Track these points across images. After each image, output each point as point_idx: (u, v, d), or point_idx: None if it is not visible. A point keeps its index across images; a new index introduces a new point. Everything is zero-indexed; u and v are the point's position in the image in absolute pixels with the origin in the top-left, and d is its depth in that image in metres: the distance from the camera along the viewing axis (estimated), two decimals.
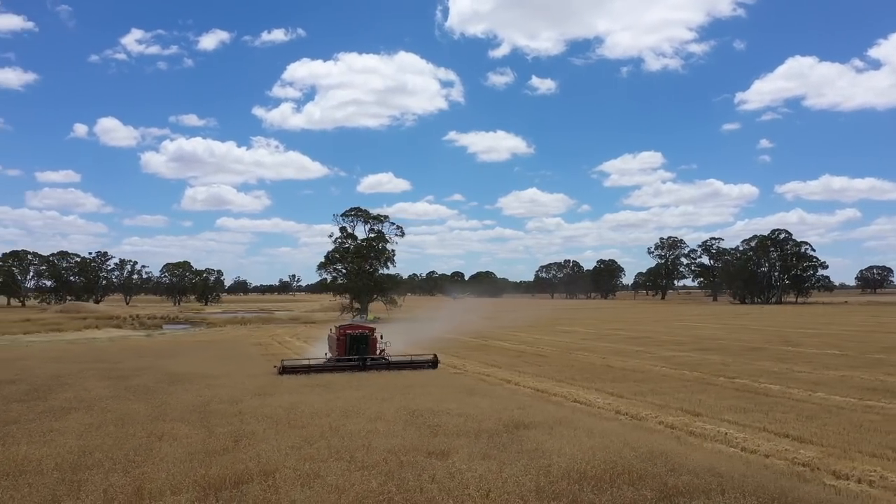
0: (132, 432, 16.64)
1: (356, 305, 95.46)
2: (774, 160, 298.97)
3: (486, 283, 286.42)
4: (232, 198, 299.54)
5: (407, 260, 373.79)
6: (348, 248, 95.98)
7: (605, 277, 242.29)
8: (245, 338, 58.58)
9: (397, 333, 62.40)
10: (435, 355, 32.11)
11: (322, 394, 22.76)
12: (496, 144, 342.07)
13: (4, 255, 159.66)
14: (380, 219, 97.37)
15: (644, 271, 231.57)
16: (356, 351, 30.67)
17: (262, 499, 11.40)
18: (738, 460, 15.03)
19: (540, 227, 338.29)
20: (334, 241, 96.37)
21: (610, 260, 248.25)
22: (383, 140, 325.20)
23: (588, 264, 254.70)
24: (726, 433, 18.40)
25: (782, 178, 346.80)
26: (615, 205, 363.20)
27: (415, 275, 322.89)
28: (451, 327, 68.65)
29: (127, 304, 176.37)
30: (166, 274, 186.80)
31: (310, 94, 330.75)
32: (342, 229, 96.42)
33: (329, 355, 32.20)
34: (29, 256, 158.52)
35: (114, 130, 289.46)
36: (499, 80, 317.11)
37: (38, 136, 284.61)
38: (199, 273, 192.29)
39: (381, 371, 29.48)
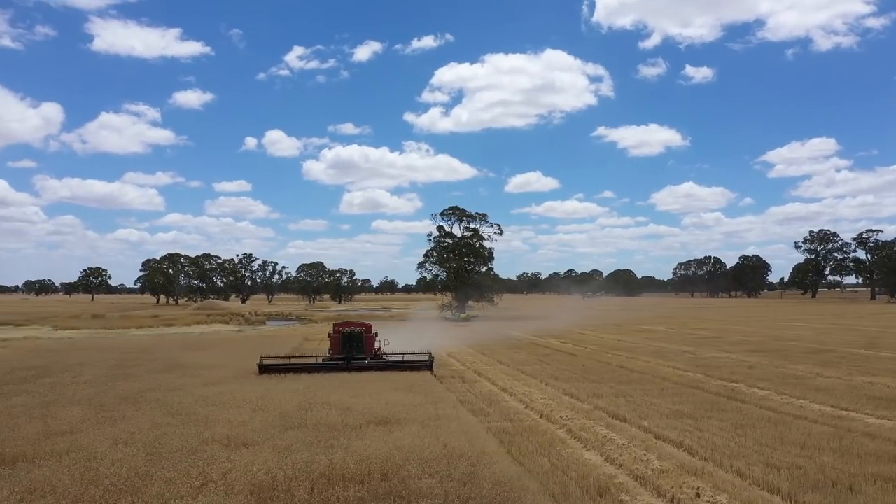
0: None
1: (455, 303, 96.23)
2: None
3: (623, 281, 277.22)
4: (386, 201, 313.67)
5: (556, 259, 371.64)
6: (446, 246, 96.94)
7: (748, 275, 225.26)
8: (317, 333, 61.02)
9: (468, 331, 62.98)
10: (430, 355, 30.02)
11: (254, 386, 23.45)
12: (648, 138, 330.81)
13: (162, 257, 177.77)
14: (474, 217, 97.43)
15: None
16: (350, 350, 29.22)
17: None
18: (556, 476, 13.65)
19: (697, 222, 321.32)
20: (433, 240, 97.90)
21: (754, 256, 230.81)
22: (531, 139, 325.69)
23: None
24: (606, 438, 16.75)
25: None
26: (781, 197, 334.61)
27: (555, 273, 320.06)
28: (533, 326, 67.43)
29: (269, 302, 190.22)
30: (301, 274, 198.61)
31: (457, 97, 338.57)
32: (439, 228, 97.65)
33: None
34: (181, 258, 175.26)
35: (279, 142, 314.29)
36: (650, 71, 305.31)
37: (215, 149, 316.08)
38: (332, 273, 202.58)
39: (363, 372, 27.45)
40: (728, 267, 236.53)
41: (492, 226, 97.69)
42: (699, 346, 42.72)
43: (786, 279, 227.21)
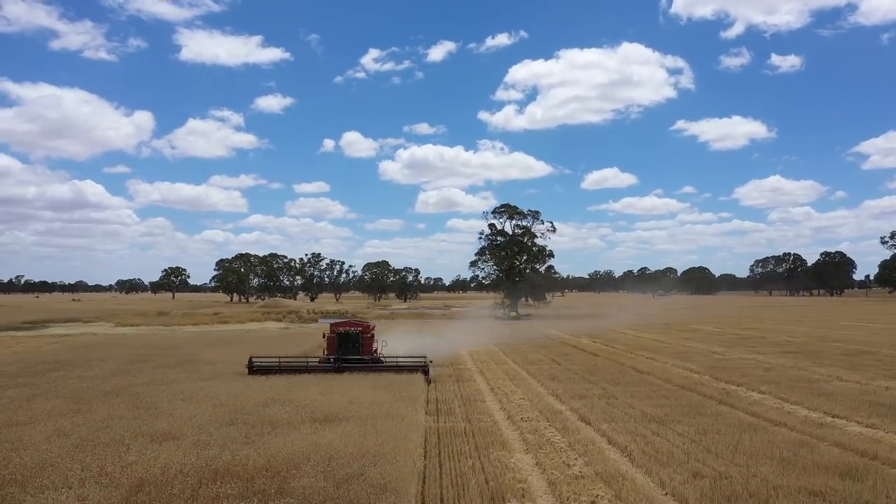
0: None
1: (507, 302, 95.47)
2: None
3: (697, 279, 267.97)
4: (461, 199, 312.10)
5: (634, 256, 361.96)
6: (498, 244, 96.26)
7: (830, 272, 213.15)
8: None
9: (509, 329, 62.37)
10: (426, 358, 27.91)
11: (236, 382, 23.98)
12: (731, 131, 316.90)
13: (234, 256, 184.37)
14: (525, 214, 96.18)
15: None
16: (346, 350, 27.89)
17: None
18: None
19: (785, 217, 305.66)
20: (484, 238, 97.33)
21: (837, 253, 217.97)
22: (607, 135, 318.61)
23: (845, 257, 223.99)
24: (551, 441, 16.19)
25: None
26: (878, 189, 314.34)
27: (629, 271, 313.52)
28: (577, 326, 66.11)
29: (337, 300, 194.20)
30: (367, 273, 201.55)
31: (531, 94, 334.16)
32: (491, 226, 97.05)
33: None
34: (251, 258, 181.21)
35: (356, 143, 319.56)
36: (733, 62, 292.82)
37: (294, 152, 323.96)
38: (397, 272, 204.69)
39: (354, 373, 25.93)
40: (809, 264, 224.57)
41: (543, 223, 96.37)
42: (734, 346, 40.78)
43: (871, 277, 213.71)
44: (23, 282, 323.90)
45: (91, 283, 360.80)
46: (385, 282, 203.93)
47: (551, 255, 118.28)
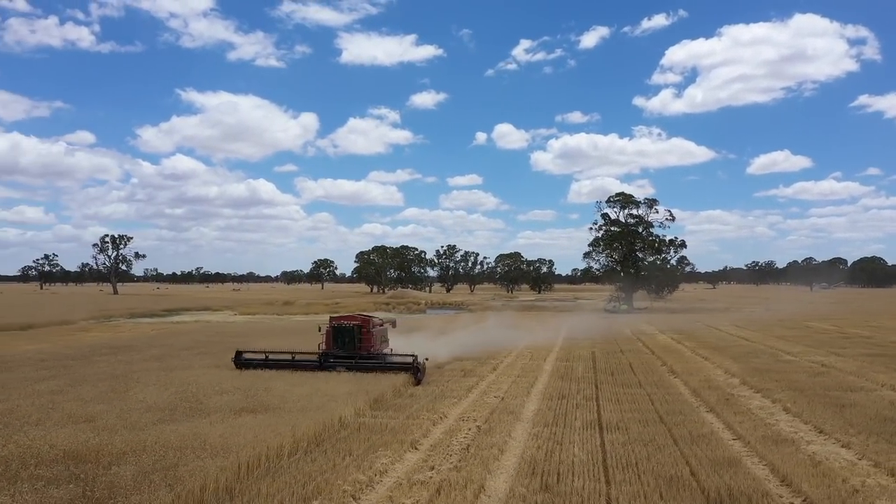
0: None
1: (622, 294, 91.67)
2: None
3: (869, 270, 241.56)
4: (616, 188, 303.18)
5: (808, 246, 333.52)
6: (612, 234, 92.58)
7: None
8: (444, 324, 62.32)
9: (603, 323, 59.82)
10: (415, 358, 25.21)
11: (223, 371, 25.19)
12: None
13: (371, 248, 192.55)
14: (638, 203, 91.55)
15: None
16: (342, 345, 26.14)
17: None
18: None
19: None
20: (598, 229, 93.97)
21: None
22: (776, 115, 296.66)
23: None
24: (438, 439, 15.46)
25: None
26: None
27: (793, 262, 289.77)
28: (679, 321, 62.08)
29: (471, 292, 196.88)
30: (499, 264, 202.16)
31: (690, 76, 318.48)
32: (604, 216, 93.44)
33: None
34: (387, 250, 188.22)
35: (508, 135, 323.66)
36: None
37: (448, 146, 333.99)
38: (530, 263, 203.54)
39: (339, 371, 24.60)
40: None
41: (658, 212, 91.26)
42: (820, 347, 36.39)
43: None
44: (201, 273, 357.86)
45: (262, 274, 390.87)
46: (518, 273, 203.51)
47: (682, 245, 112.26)
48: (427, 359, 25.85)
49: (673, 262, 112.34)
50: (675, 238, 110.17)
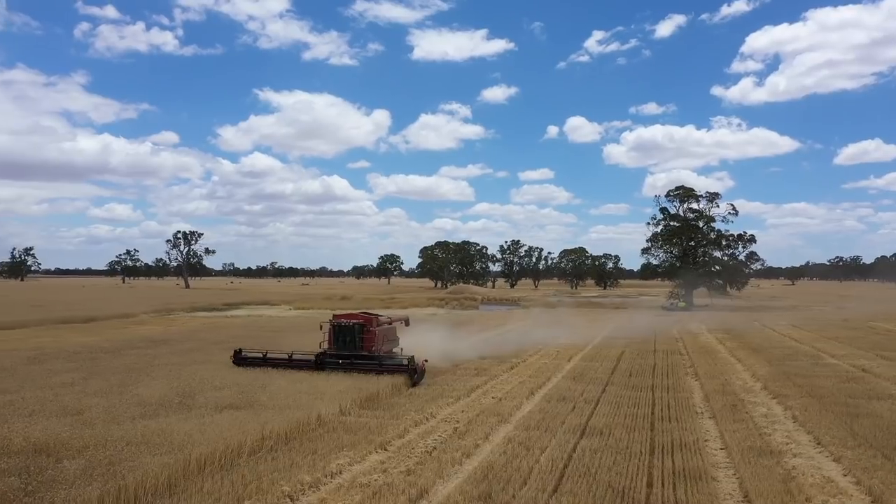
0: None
1: (681, 291, 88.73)
2: None
3: None
4: (692, 182, 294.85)
5: None
6: (671, 229, 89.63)
7: None
8: (489, 320, 61.89)
9: (653, 321, 58.01)
10: (410, 360, 24.29)
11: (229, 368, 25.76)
12: None
13: (434, 244, 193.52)
14: (698, 197, 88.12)
15: None
16: (343, 344, 25.49)
17: None
18: None
19: None
20: (655, 224, 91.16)
21: None
22: (867, 102, 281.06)
23: None
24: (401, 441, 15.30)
25: None
26: None
27: (882, 257, 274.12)
28: (734, 320, 59.54)
29: (535, 287, 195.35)
30: (563, 260, 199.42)
31: (773, 63, 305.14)
32: (663, 210, 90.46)
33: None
34: (450, 245, 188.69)
35: (580, 128, 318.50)
36: None
37: (519, 140, 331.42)
38: (595, 258, 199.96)
39: (335, 372, 23.97)
40: None
41: (719, 206, 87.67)
42: (871, 349, 34.29)
43: None
44: (276, 267, 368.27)
45: (334, 269, 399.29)
46: (582, 268, 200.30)
47: (751, 240, 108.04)
48: (426, 360, 25.19)
49: (741, 257, 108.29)
50: (744, 233, 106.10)
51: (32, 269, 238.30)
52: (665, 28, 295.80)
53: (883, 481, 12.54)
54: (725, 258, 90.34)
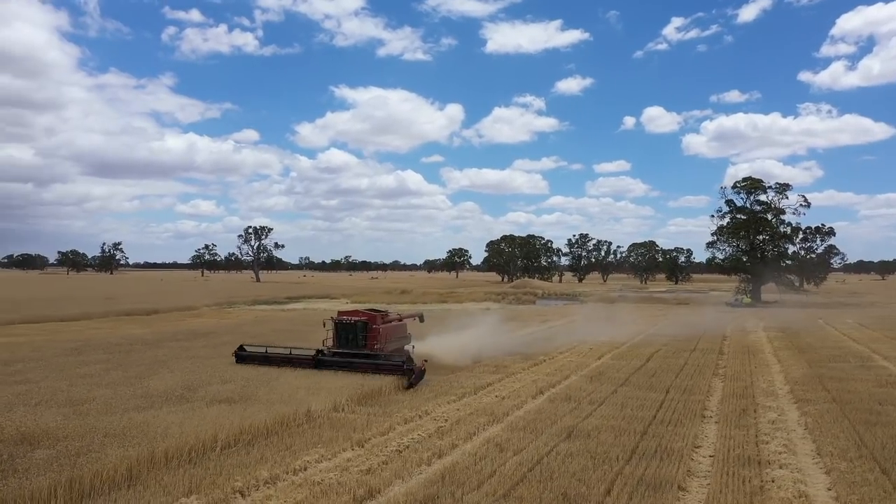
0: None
1: (748, 287, 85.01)
2: None
3: None
4: (777, 172, 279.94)
5: None
6: (738, 223, 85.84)
7: None
8: (539, 315, 61.14)
9: (709, 318, 55.72)
10: (406, 360, 23.76)
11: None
12: None
13: (500, 238, 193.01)
14: (765, 189, 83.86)
15: None
16: (346, 342, 25.22)
17: None
18: None
19: None
20: (721, 217, 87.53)
21: None
22: None
23: None
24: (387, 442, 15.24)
25: None
26: None
27: None
28: (788, 318, 56.48)
29: (604, 281, 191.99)
30: (632, 253, 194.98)
31: (866, 46, 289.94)
32: (729, 202, 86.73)
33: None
34: (516, 239, 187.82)
35: (658, 118, 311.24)
36: None
37: (594, 132, 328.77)
38: (666, 252, 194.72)
39: (332, 371, 23.63)
40: None
41: (788, 197, 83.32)
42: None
43: None
44: (349, 261, 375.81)
45: (408, 263, 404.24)
46: (653, 262, 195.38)
47: (829, 233, 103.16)
48: (426, 360, 24.41)
49: (819, 250, 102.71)
50: (822, 225, 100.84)
51: (121, 263, 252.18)
52: (749, 12, 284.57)
53: (863, 498, 11.59)
54: (802, 252, 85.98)
